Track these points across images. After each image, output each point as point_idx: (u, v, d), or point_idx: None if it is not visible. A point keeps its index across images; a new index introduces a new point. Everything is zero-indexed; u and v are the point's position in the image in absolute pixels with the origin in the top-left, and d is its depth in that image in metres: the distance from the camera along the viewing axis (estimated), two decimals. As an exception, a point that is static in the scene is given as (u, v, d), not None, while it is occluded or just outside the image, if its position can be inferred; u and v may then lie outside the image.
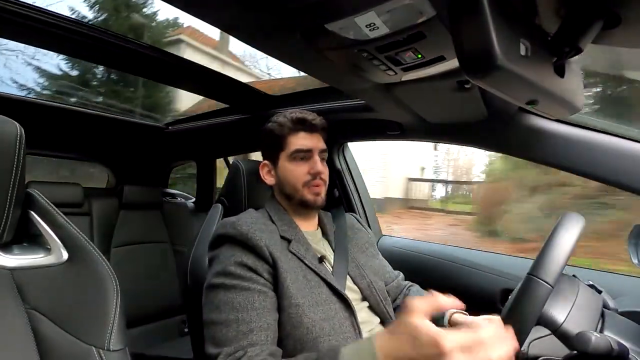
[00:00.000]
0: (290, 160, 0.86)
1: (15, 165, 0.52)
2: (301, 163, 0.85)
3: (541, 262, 0.57)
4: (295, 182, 0.85)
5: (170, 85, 1.47)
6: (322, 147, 0.88)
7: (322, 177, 0.86)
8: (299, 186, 0.85)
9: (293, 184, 0.85)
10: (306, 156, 0.85)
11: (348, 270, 0.84)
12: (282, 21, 0.62)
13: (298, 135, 0.86)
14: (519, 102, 0.54)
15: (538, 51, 0.48)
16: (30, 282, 0.55)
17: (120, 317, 0.57)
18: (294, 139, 0.86)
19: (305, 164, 0.85)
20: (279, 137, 0.87)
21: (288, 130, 0.86)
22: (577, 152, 0.88)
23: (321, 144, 0.88)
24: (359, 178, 1.58)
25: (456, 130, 1.09)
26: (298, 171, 0.85)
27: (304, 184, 0.84)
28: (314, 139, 0.87)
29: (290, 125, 0.86)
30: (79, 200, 1.70)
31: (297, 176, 0.85)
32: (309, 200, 0.85)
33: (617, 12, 0.45)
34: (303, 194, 0.85)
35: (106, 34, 0.99)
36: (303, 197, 0.85)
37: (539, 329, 0.59)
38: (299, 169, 0.85)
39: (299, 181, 0.85)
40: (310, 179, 0.84)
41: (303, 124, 0.86)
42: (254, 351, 0.63)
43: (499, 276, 1.13)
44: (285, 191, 0.87)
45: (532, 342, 0.58)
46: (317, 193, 0.85)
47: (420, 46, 0.63)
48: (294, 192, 0.85)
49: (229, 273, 0.71)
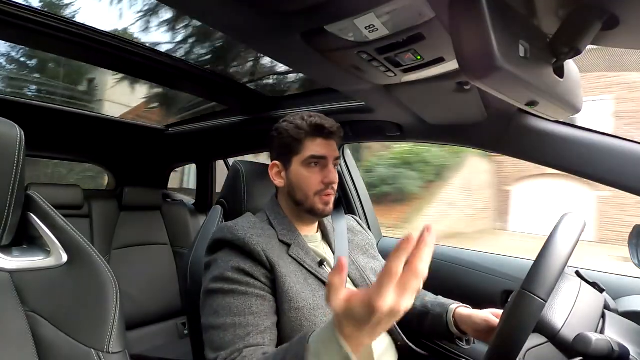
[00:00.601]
0: (304, 166, 0.83)
1: (15, 168, 0.52)
2: (315, 170, 0.83)
3: (535, 275, 0.55)
4: (308, 190, 0.83)
5: (170, 88, 1.47)
6: (337, 155, 0.86)
7: (333, 187, 0.84)
8: (310, 194, 0.82)
9: (305, 192, 0.83)
10: (320, 163, 0.83)
11: (349, 272, 0.84)
12: (282, 23, 0.62)
13: (315, 141, 0.83)
14: (519, 103, 0.55)
15: (537, 52, 0.48)
16: (29, 285, 0.55)
17: (120, 320, 0.57)
18: (310, 144, 0.83)
19: (318, 171, 0.83)
20: (295, 140, 0.84)
21: (305, 135, 0.83)
22: (577, 153, 0.88)
23: (336, 152, 0.85)
24: (359, 179, 1.58)
25: (456, 132, 1.09)
26: (312, 179, 0.82)
27: (316, 192, 0.82)
28: (330, 147, 0.84)
29: (308, 130, 0.83)
30: (78, 203, 1.70)
31: (310, 184, 0.82)
32: (319, 210, 0.83)
33: (616, 14, 0.45)
34: (314, 202, 0.82)
35: (105, 35, 0.99)
36: (314, 205, 0.82)
37: (535, 336, 0.59)
38: (313, 176, 0.82)
39: (312, 189, 0.82)
40: (323, 188, 0.82)
41: (322, 131, 0.83)
42: (249, 351, 0.63)
43: (500, 278, 1.13)
44: (295, 196, 0.84)
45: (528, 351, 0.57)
46: (327, 202, 0.83)
47: (420, 48, 0.63)
48: (305, 199, 0.83)
49: (226, 278, 0.71)
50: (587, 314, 0.61)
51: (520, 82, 0.46)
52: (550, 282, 0.55)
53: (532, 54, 0.47)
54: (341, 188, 1.49)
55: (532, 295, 0.54)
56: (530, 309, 0.54)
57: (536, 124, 0.92)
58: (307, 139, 0.83)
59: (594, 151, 0.85)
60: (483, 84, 0.47)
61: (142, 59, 1.10)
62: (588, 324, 0.59)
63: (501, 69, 0.43)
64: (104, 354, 0.53)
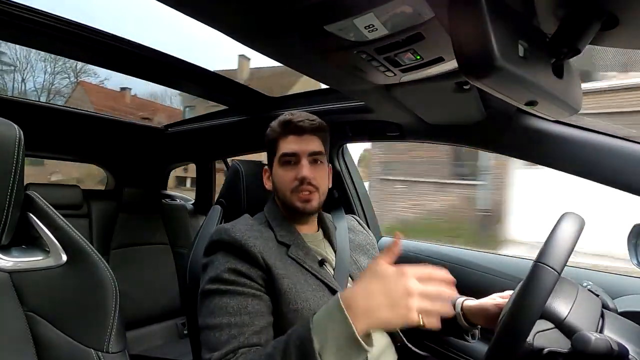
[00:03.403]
0: (280, 165, 0.83)
1: (15, 168, 0.52)
2: (289, 168, 0.82)
3: (548, 249, 0.57)
4: (284, 189, 0.82)
5: (169, 87, 1.47)
6: (312, 149, 0.83)
7: (311, 183, 0.81)
8: (287, 193, 0.82)
9: (283, 191, 0.83)
10: (293, 160, 0.82)
11: (350, 271, 0.84)
12: (281, 23, 0.62)
13: (287, 139, 0.83)
14: (518, 103, 0.55)
15: (536, 52, 0.48)
16: (29, 285, 0.55)
17: (119, 320, 0.57)
18: (283, 143, 0.83)
19: (292, 169, 0.82)
20: (272, 142, 0.85)
21: (278, 134, 0.84)
22: (576, 153, 0.88)
23: (311, 146, 0.83)
24: (359, 179, 1.57)
25: (455, 131, 1.09)
26: (286, 177, 0.82)
27: (292, 190, 0.81)
28: (303, 142, 0.82)
29: (279, 129, 0.84)
30: (78, 202, 1.70)
31: (285, 182, 0.82)
32: (298, 208, 0.82)
33: (615, 14, 0.45)
34: (292, 200, 0.82)
35: (105, 35, 0.99)
36: (292, 203, 0.82)
37: (543, 322, 0.59)
38: (287, 174, 0.82)
39: (287, 188, 0.82)
40: (297, 184, 0.81)
41: (288, 127, 0.83)
42: (243, 352, 0.63)
43: (499, 277, 1.13)
44: (279, 198, 0.85)
45: (537, 334, 0.58)
46: (307, 200, 0.81)
47: (419, 47, 0.63)
48: (284, 198, 0.83)
49: (222, 279, 0.71)
50: (587, 312, 0.62)
51: (519, 81, 0.46)
52: (564, 255, 0.56)
53: (532, 54, 0.47)
54: (341, 188, 1.49)
55: (547, 267, 0.55)
56: (544, 280, 0.54)
57: (536, 123, 0.93)
58: (280, 138, 0.84)
59: (594, 151, 0.86)
60: (482, 83, 0.47)
61: (142, 59, 1.10)
62: (588, 322, 0.59)
63: (500, 68, 0.43)
64: (104, 354, 0.53)
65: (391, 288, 0.53)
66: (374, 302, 0.53)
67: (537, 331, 0.58)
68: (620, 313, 0.68)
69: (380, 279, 0.54)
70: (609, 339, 0.54)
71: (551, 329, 0.59)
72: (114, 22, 16.63)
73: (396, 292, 0.52)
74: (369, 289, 0.54)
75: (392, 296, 0.52)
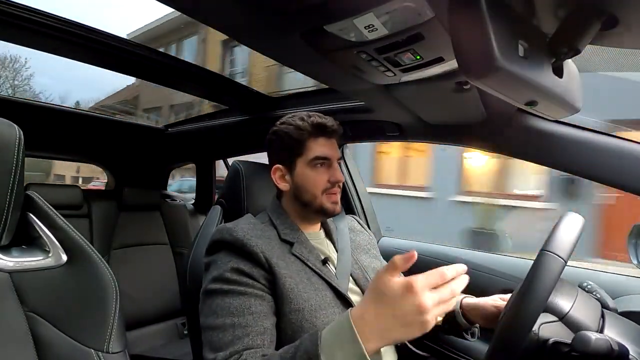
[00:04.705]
0: (310, 167, 0.83)
1: (15, 168, 0.52)
2: (321, 170, 0.83)
3: (553, 238, 0.57)
4: (315, 190, 0.82)
5: (169, 87, 1.47)
6: (339, 154, 0.87)
7: (339, 185, 0.84)
8: (318, 193, 0.82)
9: (312, 192, 0.82)
10: (326, 163, 0.83)
11: (351, 271, 0.84)
12: (281, 23, 0.62)
13: (318, 141, 0.83)
14: (518, 103, 0.55)
15: (536, 52, 0.48)
16: (29, 285, 0.55)
17: (120, 320, 0.57)
18: (314, 145, 0.82)
19: (325, 171, 0.83)
20: (297, 142, 0.83)
21: (308, 135, 0.83)
22: (576, 153, 0.88)
23: (338, 151, 0.86)
24: (358, 179, 1.58)
25: (455, 132, 1.09)
26: (318, 178, 0.82)
27: (324, 191, 0.82)
28: (333, 146, 0.85)
29: (311, 130, 0.83)
30: (78, 203, 1.70)
31: (317, 183, 0.82)
32: (328, 208, 0.82)
33: (615, 14, 0.45)
34: (322, 201, 0.82)
35: (106, 36, 0.99)
36: (322, 204, 0.82)
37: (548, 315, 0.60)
38: (320, 176, 0.82)
39: (319, 188, 0.82)
40: (329, 186, 0.82)
41: (324, 130, 0.83)
42: (249, 354, 0.63)
43: (499, 277, 1.13)
44: (302, 198, 0.84)
45: (542, 325, 0.58)
46: (335, 201, 0.83)
47: (419, 47, 0.63)
48: (313, 199, 0.83)
49: (225, 279, 0.71)
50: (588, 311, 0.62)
51: (519, 81, 0.46)
52: (569, 244, 0.56)
53: (531, 54, 0.47)
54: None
55: (553, 254, 0.55)
56: (551, 268, 0.55)
57: (536, 123, 0.92)
58: (310, 140, 0.83)
59: (594, 151, 0.86)
60: (482, 83, 0.47)
61: (142, 59, 1.10)
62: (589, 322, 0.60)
63: (500, 68, 0.43)
64: (104, 354, 0.53)
65: (402, 309, 0.49)
66: (386, 324, 0.50)
67: (542, 322, 0.58)
68: (620, 313, 0.68)
69: (388, 300, 0.51)
70: (609, 339, 0.54)
71: (555, 321, 0.59)
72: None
73: (408, 312, 0.49)
74: (378, 311, 0.51)
75: (404, 317, 0.49)
